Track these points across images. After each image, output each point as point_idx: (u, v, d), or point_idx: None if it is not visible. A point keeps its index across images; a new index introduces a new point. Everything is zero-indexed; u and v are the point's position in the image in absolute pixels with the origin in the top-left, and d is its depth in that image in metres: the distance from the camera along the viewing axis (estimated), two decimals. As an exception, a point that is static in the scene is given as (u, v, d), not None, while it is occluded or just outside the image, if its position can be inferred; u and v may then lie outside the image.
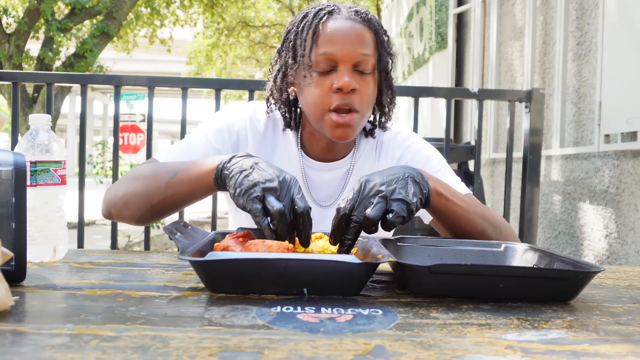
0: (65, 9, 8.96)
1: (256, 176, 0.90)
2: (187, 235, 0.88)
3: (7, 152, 0.78)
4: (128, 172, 1.17)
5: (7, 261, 0.73)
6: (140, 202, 1.07)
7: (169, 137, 34.30)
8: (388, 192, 0.89)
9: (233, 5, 12.80)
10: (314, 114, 1.16)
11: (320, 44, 1.13)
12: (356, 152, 1.28)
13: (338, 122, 1.12)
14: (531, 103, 2.54)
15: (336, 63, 1.12)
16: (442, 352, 0.54)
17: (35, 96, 8.02)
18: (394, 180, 0.91)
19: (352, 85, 1.11)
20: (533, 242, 2.54)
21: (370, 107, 1.18)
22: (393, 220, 0.88)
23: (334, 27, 1.13)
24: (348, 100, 1.12)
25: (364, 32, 1.14)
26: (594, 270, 0.76)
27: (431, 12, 6.53)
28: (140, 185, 1.08)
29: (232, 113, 1.26)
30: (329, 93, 1.12)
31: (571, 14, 3.70)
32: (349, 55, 1.12)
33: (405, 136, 1.31)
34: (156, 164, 1.13)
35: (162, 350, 0.52)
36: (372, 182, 0.91)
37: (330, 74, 1.13)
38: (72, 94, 18.57)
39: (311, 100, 1.15)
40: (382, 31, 1.19)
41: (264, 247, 0.85)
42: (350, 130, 1.14)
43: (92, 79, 2.60)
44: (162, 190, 1.04)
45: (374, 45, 1.16)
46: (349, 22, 1.14)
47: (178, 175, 1.03)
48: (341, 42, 1.12)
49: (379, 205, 0.88)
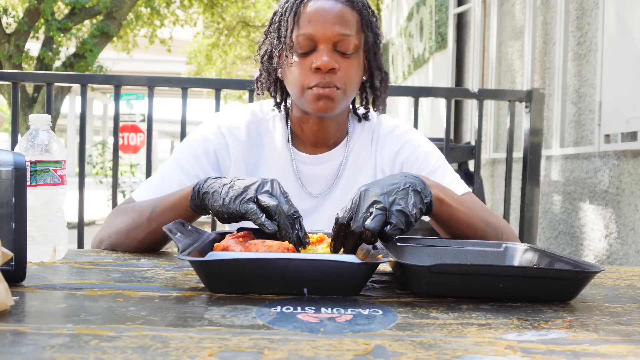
0: (65, 9, 8.96)
1: (241, 184, 0.94)
2: (187, 235, 0.88)
3: (7, 152, 0.78)
4: (109, 214, 1.19)
5: (7, 261, 0.73)
6: (126, 242, 1.10)
7: (169, 137, 34.30)
8: (387, 203, 0.87)
9: (233, 5, 12.79)
10: (295, 93, 1.17)
11: (300, 24, 1.14)
12: (349, 141, 1.27)
13: (318, 93, 1.12)
14: (531, 103, 2.54)
15: (316, 43, 1.13)
16: (442, 352, 0.54)
17: (35, 96, 8.02)
18: (394, 191, 0.89)
19: (331, 65, 1.11)
20: (533, 242, 2.54)
21: (354, 86, 1.17)
22: (391, 233, 0.86)
23: (314, 7, 1.14)
24: (328, 79, 1.12)
25: (345, 11, 1.14)
26: (594, 270, 0.76)
27: (431, 12, 6.53)
28: (124, 225, 1.10)
29: (205, 132, 1.25)
30: (309, 72, 1.13)
31: (571, 14, 3.70)
32: (328, 34, 1.12)
33: (403, 131, 1.29)
34: (134, 203, 1.15)
35: (162, 350, 0.52)
36: (371, 192, 0.89)
37: (311, 54, 1.13)
38: (72, 94, 18.57)
39: (292, 80, 1.16)
40: (367, 11, 1.18)
41: (264, 247, 0.85)
42: (332, 102, 1.14)
43: (92, 79, 2.60)
44: (145, 225, 1.07)
45: (357, 25, 1.16)
46: (330, 2, 1.14)
47: (157, 207, 1.06)
48: (321, 22, 1.12)
49: (378, 217, 0.85)
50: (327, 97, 1.13)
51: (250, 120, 1.26)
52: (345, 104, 1.17)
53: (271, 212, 0.90)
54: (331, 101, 1.13)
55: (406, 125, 1.31)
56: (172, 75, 13.83)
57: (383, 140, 1.27)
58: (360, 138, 1.28)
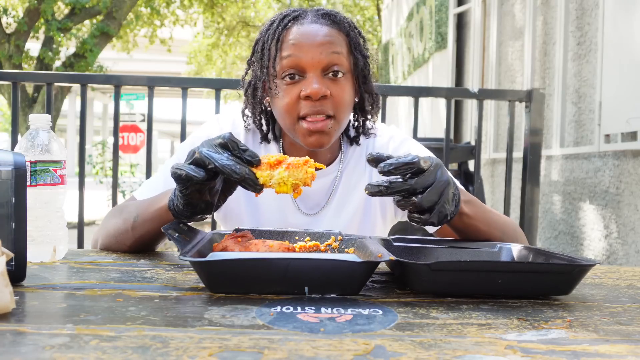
0: (65, 9, 8.96)
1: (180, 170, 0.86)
2: (185, 236, 0.88)
3: (7, 152, 0.78)
4: (107, 213, 1.17)
5: (7, 261, 0.73)
6: (116, 246, 1.09)
7: (169, 137, 34.31)
8: (441, 201, 0.88)
9: (233, 5, 12.80)
10: (286, 124, 1.11)
11: (285, 51, 1.08)
12: (343, 159, 1.23)
13: (309, 129, 1.07)
14: (531, 103, 2.54)
15: (304, 69, 1.07)
16: (442, 352, 0.54)
17: (35, 96, 8.02)
18: (448, 201, 0.90)
19: (322, 92, 1.06)
20: (533, 242, 2.54)
21: (347, 111, 1.12)
22: (424, 219, 0.88)
23: (299, 32, 1.08)
24: (319, 108, 1.07)
25: (332, 34, 1.09)
26: (589, 264, 0.78)
27: (431, 12, 6.53)
28: (113, 230, 1.09)
29: (208, 132, 1.22)
30: (298, 101, 1.07)
31: (571, 14, 3.70)
32: (316, 59, 1.06)
33: (399, 142, 1.24)
34: (126, 205, 1.13)
35: (162, 350, 0.52)
36: (449, 189, 0.89)
37: (299, 82, 1.08)
38: (72, 94, 18.55)
39: (281, 111, 1.10)
40: (354, 32, 1.14)
41: (264, 247, 0.85)
42: (325, 136, 1.09)
43: (92, 79, 2.60)
44: (130, 233, 1.05)
45: (346, 47, 1.11)
46: (315, 25, 1.09)
47: (140, 217, 1.03)
48: (306, 46, 1.07)
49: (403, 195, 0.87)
50: (320, 132, 1.07)
51: (249, 128, 1.24)
52: (338, 132, 1.13)
53: (200, 163, 0.83)
54: (325, 135, 1.08)
55: (401, 135, 1.27)
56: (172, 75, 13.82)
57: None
58: (354, 153, 1.24)
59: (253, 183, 0.83)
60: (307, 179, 0.86)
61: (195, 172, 0.83)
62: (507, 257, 0.95)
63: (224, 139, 0.84)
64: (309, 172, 0.85)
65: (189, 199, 0.88)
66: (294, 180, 0.85)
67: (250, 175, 0.82)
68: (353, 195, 1.22)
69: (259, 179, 0.83)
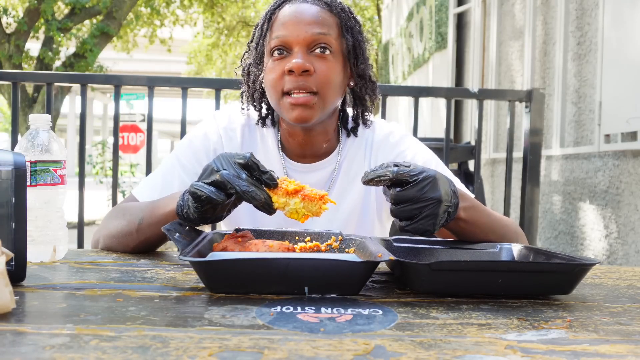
0: (65, 9, 8.97)
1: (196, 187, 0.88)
2: (186, 236, 0.88)
3: (7, 152, 0.78)
4: (108, 212, 1.17)
5: (7, 261, 0.73)
6: (119, 247, 1.09)
7: (169, 137, 34.31)
8: (421, 216, 0.88)
9: (233, 5, 12.80)
10: (273, 101, 1.13)
11: (274, 29, 1.12)
12: (341, 150, 1.23)
13: (292, 102, 1.09)
14: (531, 103, 2.55)
15: (290, 46, 1.10)
16: (442, 352, 0.54)
17: (35, 96, 8.02)
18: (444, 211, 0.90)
19: (304, 67, 1.07)
20: (533, 242, 2.54)
21: (332, 89, 1.11)
22: (411, 227, 0.88)
23: (289, 11, 1.12)
24: (302, 83, 1.08)
25: (321, 13, 1.11)
26: (590, 263, 0.78)
27: (431, 12, 6.53)
28: (115, 231, 1.09)
29: (205, 130, 1.23)
30: (283, 76, 1.09)
31: (571, 14, 3.70)
32: (302, 36, 1.09)
33: (398, 138, 1.24)
34: (128, 206, 1.13)
35: (162, 350, 0.52)
36: (438, 208, 0.88)
37: (286, 57, 1.10)
38: (72, 94, 18.57)
39: (267, 86, 1.13)
40: (347, 15, 1.15)
41: (264, 247, 0.85)
42: (309, 110, 1.09)
43: (92, 79, 2.60)
44: (134, 235, 1.05)
45: (337, 28, 1.12)
46: (305, 5, 1.12)
47: (144, 220, 1.03)
48: (293, 24, 1.10)
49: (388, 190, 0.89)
50: (303, 105, 1.08)
51: (245, 124, 1.24)
52: (325, 111, 1.13)
53: (221, 186, 0.86)
54: (309, 109, 1.09)
55: (401, 131, 1.27)
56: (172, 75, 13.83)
57: (377, 147, 1.23)
58: (352, 146, 1.24)
59: (269, 207, 0.87)
60: (319, 212, 0.88)
61: (216, 196, 0.86)
62: (508, 257, 0.95)
63: (245, 160, 0.87)
64: (323, 209, 0.88)
65: (204, 215, 0.90)
66: (306, 211, 0.88)
67: (267, 200, 0.86)
68: (352, 186, 1.23)
69: (274, 203, 0.87)
